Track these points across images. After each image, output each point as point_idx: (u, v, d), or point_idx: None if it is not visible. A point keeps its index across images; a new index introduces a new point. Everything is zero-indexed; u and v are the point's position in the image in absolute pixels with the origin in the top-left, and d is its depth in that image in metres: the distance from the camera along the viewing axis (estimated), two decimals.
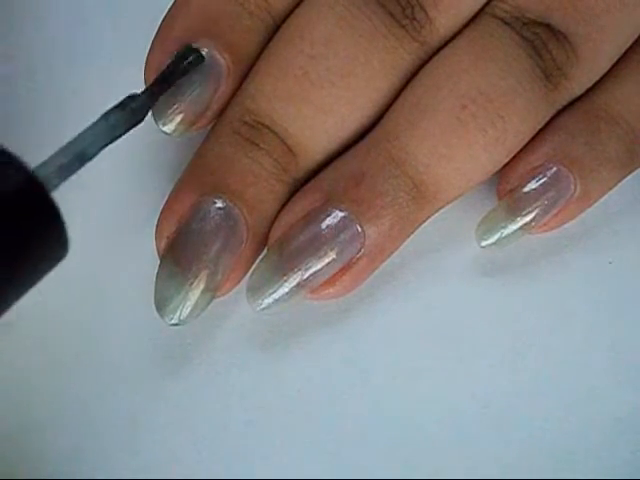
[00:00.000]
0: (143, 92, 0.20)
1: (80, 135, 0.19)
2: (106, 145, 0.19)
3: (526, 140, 0.22)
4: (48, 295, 0.23)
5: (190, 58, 0.21)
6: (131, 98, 0.20)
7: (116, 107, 0.19)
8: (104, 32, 0.26)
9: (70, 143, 0.18)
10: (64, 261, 0.23)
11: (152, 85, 0.21)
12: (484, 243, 0.23)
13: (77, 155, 0.18)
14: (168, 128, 0.22)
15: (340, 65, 0.22)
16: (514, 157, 0.22)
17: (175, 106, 0.22)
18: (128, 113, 0.19)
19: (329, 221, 0.21)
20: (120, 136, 0.19)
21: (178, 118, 0.22)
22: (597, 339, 0.23)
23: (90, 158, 0.19)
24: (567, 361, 0.23)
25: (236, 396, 0.23)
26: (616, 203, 0.24)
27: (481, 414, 0.23)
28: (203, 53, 0.22)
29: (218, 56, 0.22)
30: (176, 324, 0.21)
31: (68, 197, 0.25)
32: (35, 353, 0.23)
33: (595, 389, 0.23)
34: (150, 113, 0.22)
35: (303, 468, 0.22)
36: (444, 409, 0.23)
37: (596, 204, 0.23)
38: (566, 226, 0.23)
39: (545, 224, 0.23)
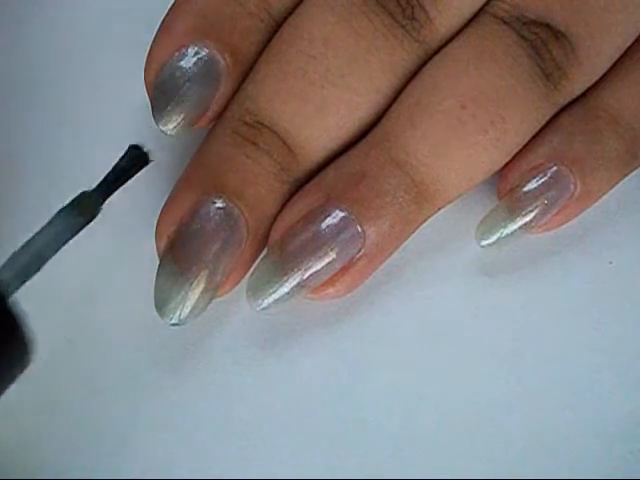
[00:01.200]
0: (95, 190, 0.20)
1: (36, 237, 0.19)
2: (63, 245, 0.19)
3: (526, 140, 0.22)
4: (47, 295, 0.23)
5: (137, 159, 0.21)
6: (84, 195, 0.20)
7: (70, 206, 0.19)
8: (104, 33, 0.26)
9: (27, 245, 0.18)
10: (64, 261, 0.23)
11: (103, 183, 0.21)
12: (484, 243, 0.23)
13: (35, 257, 0.18)
14: (168, 128, 0.22)
15: (340, 65, 0.22)
16: (514, 157, 0.22)
17: (174, 107, 0.22)
18: (81, 212, 0.19)
19: (329, 221, 0.21)
20: (74, 235, 0.19)
21: (178, 118, 0.22)
22: (597, 339, 0.23)
23: (47, 259, 0.18)
24: (567, 361, 0.23)
25: (236, 396, 0.23)
26: (616, 203, 0.24)
27: (481, 414, 0.23)
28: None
29: (218, 57, 0.22)
30: (176, 324, 0.21)
31: (69, 196, 0.25)
32: (35, 352, 0.23)
33: (595, 389, 0.23)
34: (151, 113, 0.22)
35: (303, 468, 0.22)
36: (444, 409, 0.23)
37: (596, 204, 0.23)
38: (566, 226, 0.23)
39: (545, 224, 0.23)
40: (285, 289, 0.21)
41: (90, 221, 0.20)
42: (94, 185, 0.21)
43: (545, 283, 0.24)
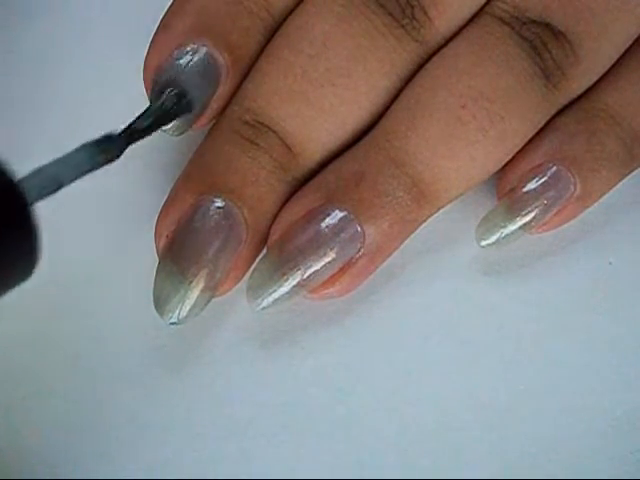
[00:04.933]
0: (121, 133, 0.20)
1: (56, 161, 0.18)
2: (80, 176, 0.19)
3: (526, 140, 0.22)
4: (48, 294, 0.23)
5: (177, 103, 0.21)
6: (108, 138, 0.19)
7: (92, 144, 0.19)
8: (103, 31, 0.26)
9: (45, 167, 0.18)
10: (64, 261, 0.23)
11: (133, 127, 0.21)
12: (484, 243, 0.23)
13: (51, 180, 0.18)
14: (167, 127, 0.22)
15: (339, 64, 0.22)
16: (514, 157, 0.22)
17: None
18: (102, 152, 0.19)
19: (329, 221, 0.21)
20: (89, 172, 0.19)
21: None
22: (597, 339, 0.23)
23: (62, 186, 0.18)
24: (567, 361, 0.23)
25: (236, 396, 0.23)
26: (616, 203, 0.24)
27: (481, 414, 0.23)
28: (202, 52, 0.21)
29: (218, 56, 0.22)
30: (175, 323, 0.21)
31: (68, 196, 0.25)
32: (34, 352, 0.23)
33: (595, 389, 0.23)
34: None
35: (303, 468, 0.22)
36: (444, 409, 0.23)
37: (596, 204, 0.23)
38: (566, 226, 0.23)
39: (545, 224, 0.23)
40: (285, 289, 0.21)
41: (110, 162, 0.19)
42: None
43: (545, 283, 0.24)
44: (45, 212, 0.24)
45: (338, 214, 0.21)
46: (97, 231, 0.24)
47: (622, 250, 0.24)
